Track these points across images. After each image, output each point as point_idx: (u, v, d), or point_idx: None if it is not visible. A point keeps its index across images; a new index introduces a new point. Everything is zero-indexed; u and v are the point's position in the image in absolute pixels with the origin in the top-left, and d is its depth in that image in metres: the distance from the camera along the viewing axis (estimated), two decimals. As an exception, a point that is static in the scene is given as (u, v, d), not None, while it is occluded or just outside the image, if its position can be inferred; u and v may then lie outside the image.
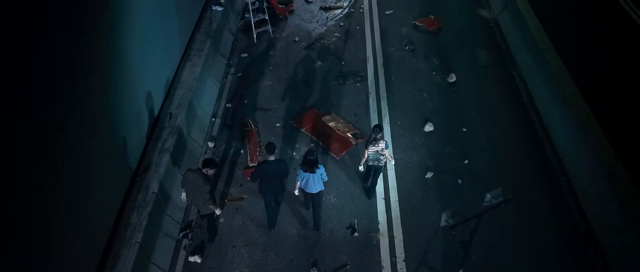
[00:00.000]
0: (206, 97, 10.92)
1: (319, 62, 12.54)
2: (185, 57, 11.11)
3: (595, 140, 9.42)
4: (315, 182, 8.05)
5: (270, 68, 12.34)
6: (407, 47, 12.97)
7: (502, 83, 12.00)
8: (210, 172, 7.70)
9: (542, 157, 10.17)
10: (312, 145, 10.29)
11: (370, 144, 8.33)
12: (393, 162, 9.28)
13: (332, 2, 14.87)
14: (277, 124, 10.79)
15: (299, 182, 8.21)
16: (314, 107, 11.15)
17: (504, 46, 13.08)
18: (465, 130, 10.68)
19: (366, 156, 8.49)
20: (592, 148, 9.38)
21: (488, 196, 6.73)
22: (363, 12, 14.42)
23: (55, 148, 6.26)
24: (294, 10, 14.43)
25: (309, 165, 7.89)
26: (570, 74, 10.72)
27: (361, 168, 8.97)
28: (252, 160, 9.93)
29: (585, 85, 10.40)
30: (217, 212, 8.22)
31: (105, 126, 7.64)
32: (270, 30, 13.38)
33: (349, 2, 14.85)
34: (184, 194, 8.10)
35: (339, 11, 14.48)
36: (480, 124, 10.84)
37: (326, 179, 8.20)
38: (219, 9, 12.75)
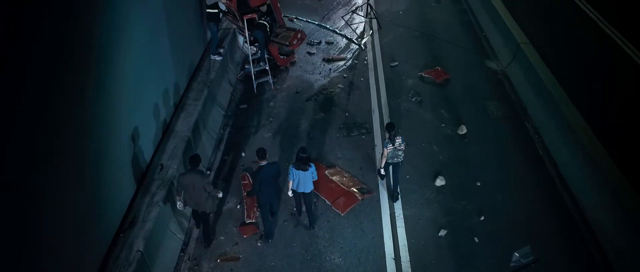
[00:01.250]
0: (201, 148, 10.25)
1: (322, 114, 11.97)
2: (180, 106, 10.54)
3: (621, 194, 8.66)
4: (307, 181, 8.27)
5: (270, 120, 11.75)
6: (413, 99, 12.45)
7: (515, 135, 11.36)
8: (199, 165, 7.92)
9: (563, 211, 9.38)
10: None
11: (388, 143, 8.70)
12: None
13: (334, 53, 14.52)
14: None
15: (291, 182, 8.38)
16: (317, 161, 10.45)
17: (514, 98, 12.56)
18: (479, 184, 9.93)
19: (386, 154, 8.82)
20: (619, 203, 8.62)
21: (516, 255, 6.09)
22: (367, 64, 14.02)
23: (32, 200, 5.60)
24: (295, 61, 14.03)
25: (302, 162, 8.13)
26: (589, 124, 10.10)
27: (383, 172, 9.32)
28: (248, 216, 9.15)
29: (606, 136, 9.75)
30: (219, 195, 8.46)
31: (88, 177, 6.92)
32: (271, 81, 12.89)
33: (353, 54, 14.50)
34: (180, 203, 8.11)
35: (342, 63, 14.08)
36: (495, 177, 10.10)
37: (316, 177, 8.41)
38: (218, 58, 12.35)
